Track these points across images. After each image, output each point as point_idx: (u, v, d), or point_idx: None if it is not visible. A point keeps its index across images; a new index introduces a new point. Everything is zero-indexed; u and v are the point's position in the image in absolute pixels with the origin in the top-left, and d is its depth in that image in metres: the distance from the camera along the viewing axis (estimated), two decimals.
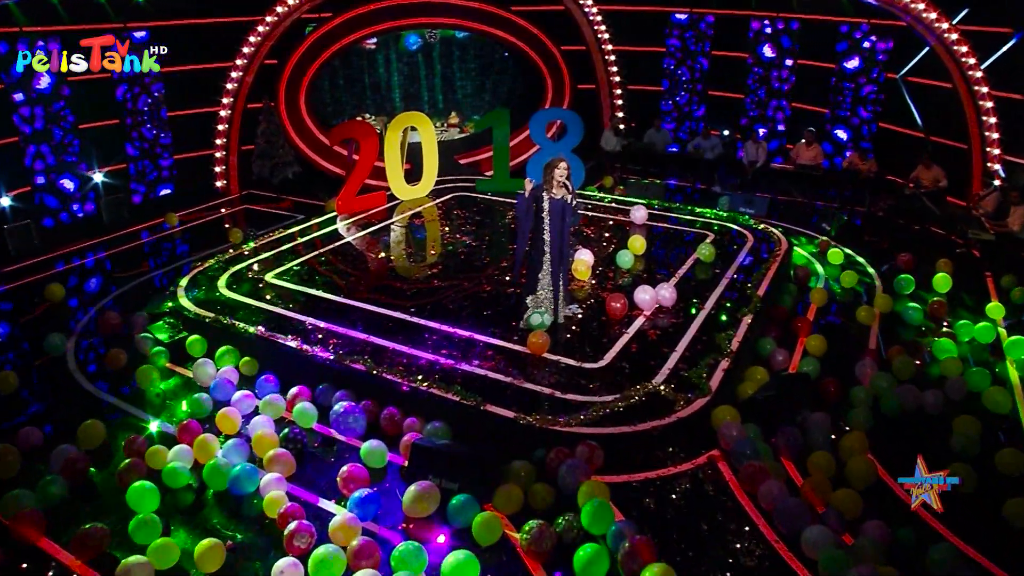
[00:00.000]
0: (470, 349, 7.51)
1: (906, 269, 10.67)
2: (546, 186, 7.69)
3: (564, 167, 7.64)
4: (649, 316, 8.31)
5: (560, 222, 7.71)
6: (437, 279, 9.37)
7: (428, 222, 11.95)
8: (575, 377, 7.03)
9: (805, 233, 12.14)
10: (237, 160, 14.62)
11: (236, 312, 8.45)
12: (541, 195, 7.68)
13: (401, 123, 12.37)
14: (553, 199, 7.67)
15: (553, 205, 7.68)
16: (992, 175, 12.34)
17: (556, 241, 7.77)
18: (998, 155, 12.32)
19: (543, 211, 7.71)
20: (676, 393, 6.75)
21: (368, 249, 10.61)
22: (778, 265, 9.90)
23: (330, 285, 9.19)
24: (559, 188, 7.67)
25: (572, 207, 7.73)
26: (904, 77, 14.28)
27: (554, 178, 7.64)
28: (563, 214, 7.71)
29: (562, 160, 7.66)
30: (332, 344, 7.62)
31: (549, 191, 7.68)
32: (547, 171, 7.68)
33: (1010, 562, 5.21)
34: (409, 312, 8.33)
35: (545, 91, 15.99)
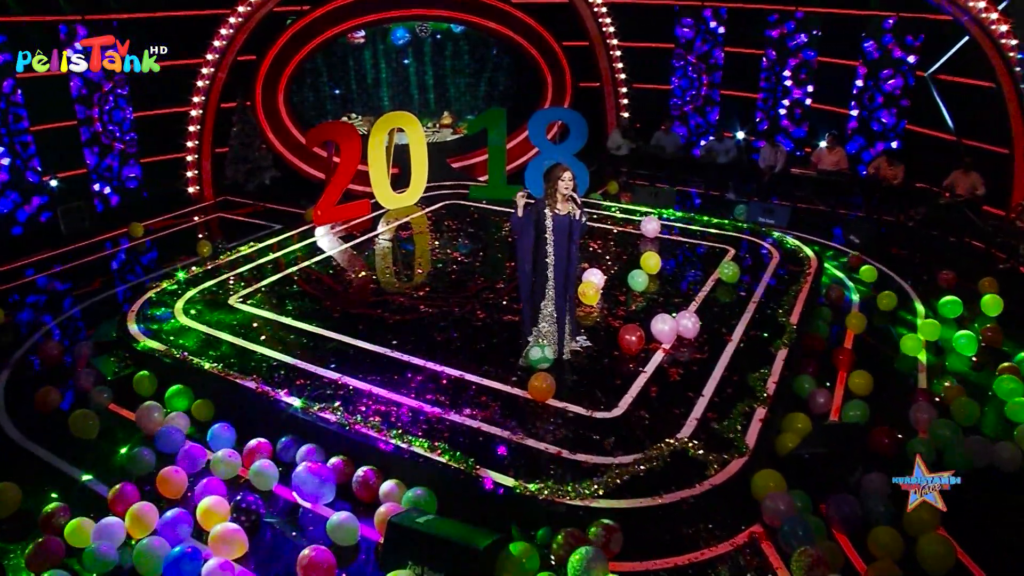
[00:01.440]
0: (461, 393, 6.38)
1: (948, 289, 9.58)
2: (548, 200, 6.55)
3: (568, 177, 6.50)
4: (669, 351, 7.19)
5: (567, 242, 6.59)
6: (424, 303, 8.22)
7: (416, 234, 10.79)
8: (585, 430, 5.90)
9: (831, 246, 11.01)
10: (211, 164, 13.45)
11: (192, 343, 7.31)
12: (543, 211, 6.54)
13: (387, 124, 11.23)
14: (557, 215, 6.54)
15: (558, 223, 6.54)
16: None
17: (562, 265, 6.64)
18: None
19: (545, 230, 6.57)
20: (707, 452, 5.63)
21: (348, 267, 9.46)
22: (809, 286, 8.80)
23: (302, 311, 8.04)
24: (564, 202, 6.54)
25: (580, 224, 6.60)
26: (933, 75, 13.18)
27: (557, 190, 6.51)
28: (570, 233, 6.58)
29: (565, 169, 6.53)
30: (298, 385, 6.48)
31: (552, 206, 6.54)
32: (549, 182, 6.54)
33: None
34: (391, 346, 7.19)
35: (545, 89, 14.86)
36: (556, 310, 6.73)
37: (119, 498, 5.47)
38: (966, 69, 12.48)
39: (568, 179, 6.48)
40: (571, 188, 6.50)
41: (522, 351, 6.87)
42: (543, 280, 6.69)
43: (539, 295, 6.75)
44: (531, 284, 6.76)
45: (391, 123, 11.25)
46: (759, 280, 8.97)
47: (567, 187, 6.48)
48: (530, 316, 6.82)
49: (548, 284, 6.70)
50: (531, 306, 6.80)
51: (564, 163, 6.93)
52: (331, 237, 10.51)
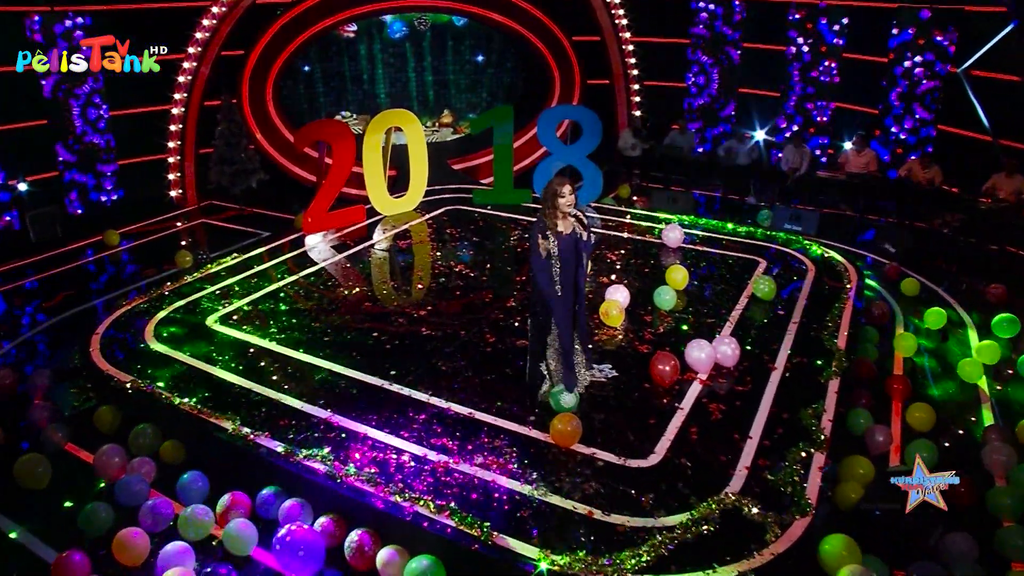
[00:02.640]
0: (471, 436, 5.49)
1: (999, 304, 8.73)
2: (548, 220, 5.63)
3: (568, 192, 5.57)
4: (706, 381, 6.32)
5: (573, 268, 5.67)
6: (426, 325, 7.32)
7: (415, 244, 9.87)
8: (618, 483, 5.02)
9: (864, 255, 10.14)
10: (194, 166, 12.54)
11: (164, 372, 6.41)
12: (544, 233, 5.62)
13: (383, 123, 10.32)
14: (561, 237, 5.62)
15: (562, 245, 5.62)
16: None
17: (568, 292, 5.72)
18: None
19: (550, 255, 5.64)
20: (763, 510, 4.76)
21: (341, 281, 8.56)
22: (852, 303, 7.94)
23: (288, 334, 7.14)
24: (565, 221, 5.63)
25: (588, 245, 5.69)
26: (967, 71, 12.33)
27: (557, 208, 5.59)
28: (575, 255, 5.67)
29: (564, 183, 5.59)
30: (282, 426, 5.59)
31: (553, 227, 5.62)
32: (548, 199, 5.59)
33: None
34: (388, 377, 6.30)
35: (552, 86, 13.99)
36: (563, 345, 5.82)
37: (64, 569, 4.58)
38: (1002, 64, 11.67)
39: (568, 194, 5.56)
40: (572, 204, 5.60)
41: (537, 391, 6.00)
42: (548, 311, 5.77)
43: (546, 327, 5.85)
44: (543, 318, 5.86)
45: (388, 122, 10.35)
46: (796, 296, 8.10)
47: (568, 204, 5.57)
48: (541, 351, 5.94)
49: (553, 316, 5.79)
50: (534, 336, 5.92)
51: (563, 176, 5.98)
52: (322, 247, 9.61)
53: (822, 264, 9.07)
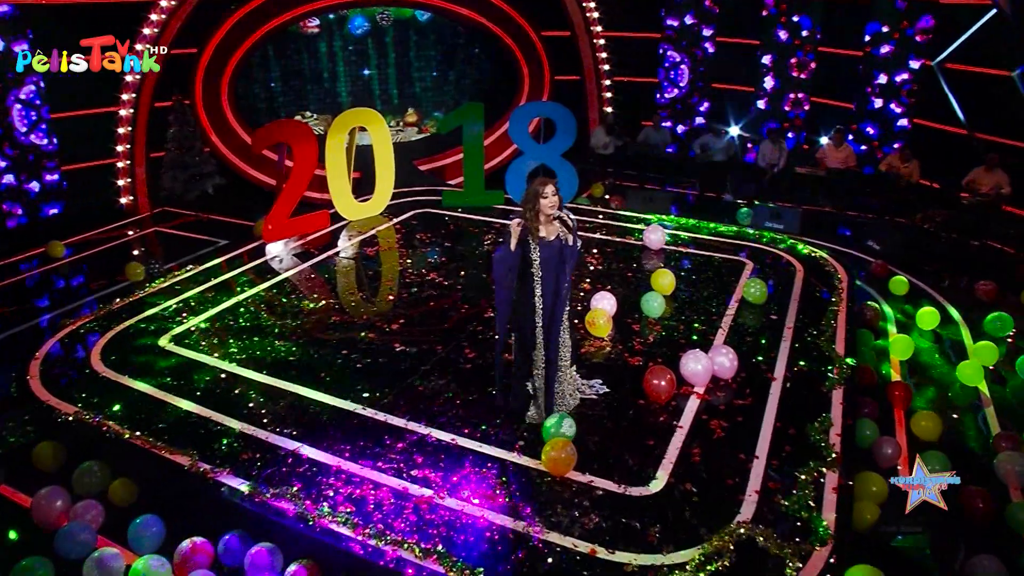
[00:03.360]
0: (456, 466, 5.00)
1: (989, 302, 8.51)
2: (530, 224, 5.17)
3: (552, 192, 5.10)
4: (704, 396, 5.91)
5: (555, 276, 5.20)
6: (399, 340, 6.80)
7: (384, 251, 9.32)
8: (620, 515, 4.58)
9: (847, 252, 9.84)
10: (146, 171, 11.82)
11: (112, 401, 5.80)
12: (525, 239, 5.16)
13: (347, 123, 9.76)
14: (544, 242, 5.16)
15: (545, 252, 5.16)
16: None
17: (549, 303, 5.26)
18: None
19: (531, 263, 5.19)
20: (778, 540, 4.35)
21: (305, 293, 7.98)
22: (846, 305, 7.63)
23: (248, 354, 6.57)
24: (549, 224, 5.17)
25: (574, 250, 5.23)
26: (942, 64, 12.17)
27: (540, 210, 5.12)
28: (560, 263, 5.21)
29: (547, 183, 5.11)
30: (244, 461, 5.04)
31: (535, 232, 5.15)
32: (529, 202, 5.11)
33: None
34: (361, 400, 5.78)
35: (521, 83, 13.53)
36: (546, 356, 5.36)
37: None
38: (978, 57, 11.52)
39: (552, 195, 5.09)
40: (556, 206, 5.13)
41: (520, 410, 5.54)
42: (530, 324, 5.30)
43: (530, 342, 5.38)
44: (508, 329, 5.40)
45: (352, 121, 9.79)
46: (788, 298, 7.76)
47: (551, 205, 5.10)
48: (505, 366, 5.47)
49: (537, 328, 5.32)
50: (517, 351, 5.45)
51: (546, 176, 5.52)
52: (285, 255, 9.01)
53: (811, 264, 8.75)
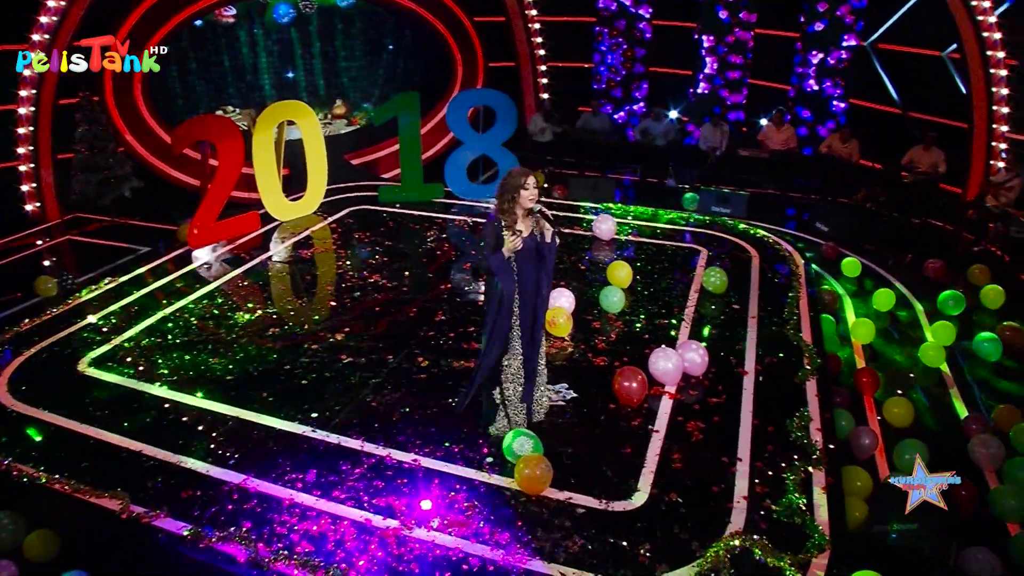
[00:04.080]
0: (421, 491, 4.57)
1: (937, 281, 8.55)
2: (505, 218, 4.76)
3: (533, 184, 4.72)
4: (676, 395, 5.63)
5: (534, 274, 4.83)
6: (345, 350, 6.29)
7: (319, 253, 8.72)
8: (606, 534, 4.24)
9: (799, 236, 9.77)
10: (53, 175, 10.86)
11: (21, 440, 5.13)
12: (500, 234, 4.76)
13: (274, 117, 9.11)
14: (521, 238, 4.77)
15: (523, 248, 4.78)
16: (998, 157, 10.46)
17: (529, 303, 4.89)
18: (1005, 133, 10.43)
19: (509, 259, 4.79)
20: (775, 549, 4.09)
21: (238, 303, 7.36)
22: (805, 290, 7.49)
23: (180, 375, 5.95)
24: (527, 219, 4.79)
25: (553, 247, 4.87)
26: (875, 44, 12.27)
27: (518, 203, 4.73)
28: (538, 261, 4.83)
29: (527, 174, 4.70)
30: (185, 499, 4.49)
31: (511, 226, 4.76)
32: (507, 193, 4.71)
33: None
34: (310, 421, 5.27)
35: (454, 71, 13.04)
36: (525, 364, 4.99)
37: None
38: (909, 37, 11.67)
39: (533, 187, 4.71)
40: (536, 199, 4.76)
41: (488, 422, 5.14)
42: (508, 319, 4.91)
43: (497, 344, 4.96)
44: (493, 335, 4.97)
45: (280, 115, 9.15)
46: (747, 286, 7.57)
47: (532, 198, 4.72)
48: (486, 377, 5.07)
49: (514, 331, 4.94)
50: (486, 355, 5.04)
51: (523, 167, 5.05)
52: (214, 262, 8.34)
53: (765, 249, 8.62)
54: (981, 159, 10.65)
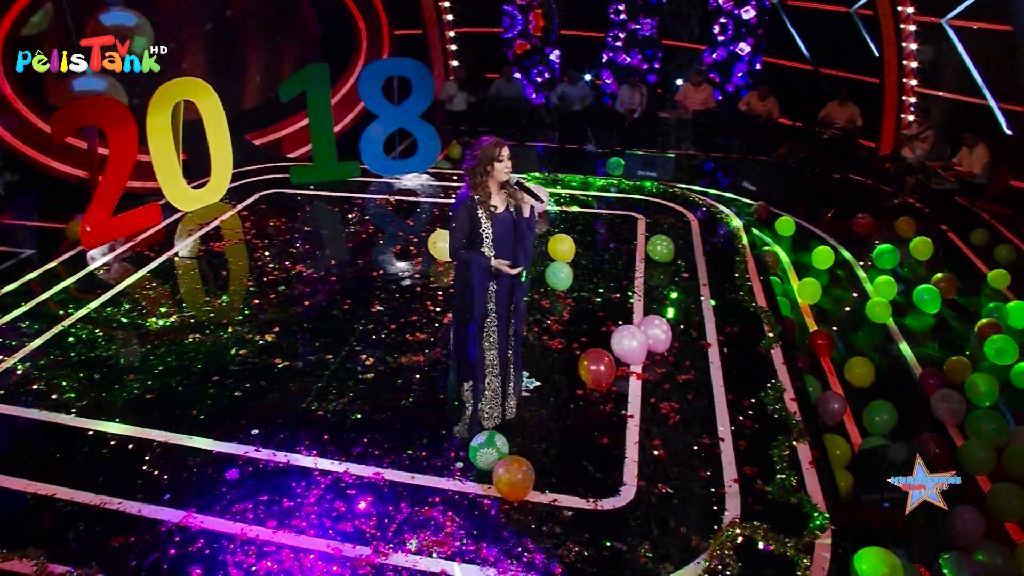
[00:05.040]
0: (390, 509, 4.10)
1: (866, 235, 8.65)
2: (478, 193, 4.33)
3: (507, 155, 4.30)
4: (643, 375, 5.35)
5: (511, 255, 4.41)
6: (277, 354, 5.66)
7: (232, 245, 7.93)
8: (599, 536, 3.90)
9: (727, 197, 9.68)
10: None
11: None
12: (475, 212, 4.32)
13: (170, 96, 8.19)
14: (494, 215, 4.35)
15: (498, 228, 4.35)
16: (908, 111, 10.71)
17: (505, 289, 4.49)
18: (915, 87, 10.65)
19: (482, 240, 4.36)
20: (780, 537, 3.88)
21: (148, 309, 6.56)
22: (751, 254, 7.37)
23: (90, 398, 5.19)
24: (501, 193, 4.37)
25: (531, 221, 4.46)
26: (784, 1, 12.32)
27: (492, 176, 4.31)
28: (517, 238, 4.42)
29: (502, 144, 4.29)
30: (117, 551, 3.85)
31: (485, 200, 4.34)
32: (480, 166, 4.27)
33: None
34: (251, 440, 4.67)
35: (358, 40, 12.26)
36: (500, 356, 4.59)
37: None
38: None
39: (507, 158, 4.29)
40: (510, 171, 4.34)
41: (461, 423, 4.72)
42: (481, 311, 4.47)
43: (469, 331, 4.54)
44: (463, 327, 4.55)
45: (176, 94, 8.24)
46: (692, 253, 7.38)
47: (506, 170, 4.31)
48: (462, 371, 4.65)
49: (489, 320, 4.52)
50: (456, 345, 4.61)
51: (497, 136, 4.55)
52: (113, 263, 7.45)
53: (702, 212, 8.47)
54: (893, 114, 10.86)
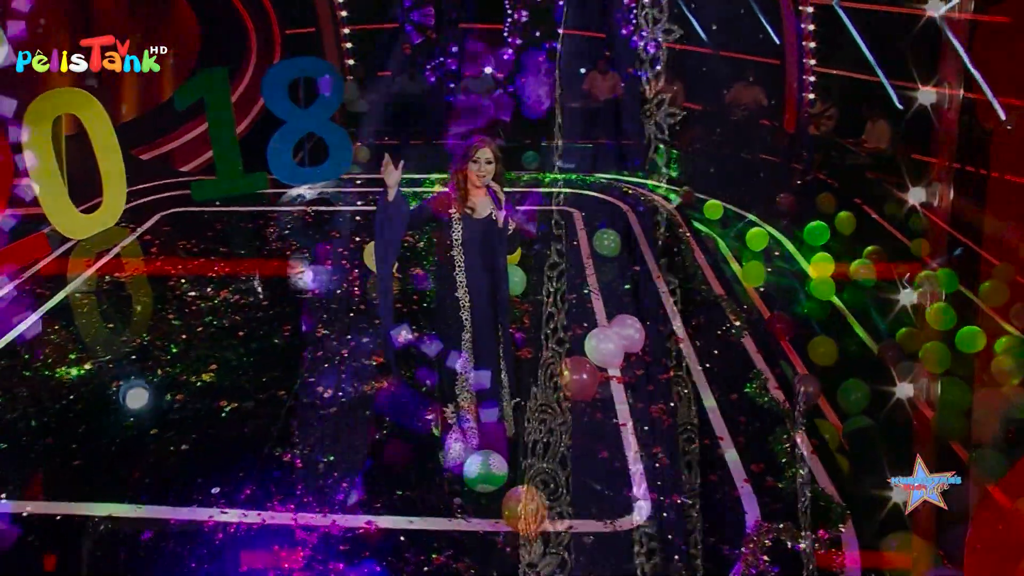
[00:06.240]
0: (395, 562, 3.67)
1: (789, 213, 8.83)
2: (457, 192, 3.99)
3: (486, 158, 3.99)
4: (625, 378, 5.13)
5: (486, 263, 4.09)
6: (221, 395, 5.04)
7: (137, 276, 7.10)
8: (625, 561, 3.63)
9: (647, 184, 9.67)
10: None
11: None
12: (448, 215, 3.97)
13: (50, 109, 7.23)
14: (468, 219, 4.02)
15: (469, 231, 4.03)
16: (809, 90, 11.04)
17: (482, 295, 4.15)
18: (813, 67, 10.98)
19: (451, 244, 4.02)
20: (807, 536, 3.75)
21: (55, 359, 5.72)
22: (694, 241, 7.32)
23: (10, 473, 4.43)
24: (478, 196, 4.04)
25: (506, 230, 4.15)
26: None
27: (468, 179, 3.97)
28: (488, 248, 4.10)
29: (485, 144, 4.00)
30: None
31: (461, 203, 3.99)
32: (456, 163, 4.02)
33: None
34: (213, 503, 4.08)
35: (247, 41, 11.48)
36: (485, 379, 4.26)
37: None
38: None
39: (485, 161, 3.97)
40: (489, 175, 4.01)
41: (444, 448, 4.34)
42: (457, 323, 4.14)
43: (449, 343, 4.19)
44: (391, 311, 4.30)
45: (56, 107, 7.29)
46: (636, 245, 7.26)
47: (482, 173, 3.97)
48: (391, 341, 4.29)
49: (464, 328, 4.17)
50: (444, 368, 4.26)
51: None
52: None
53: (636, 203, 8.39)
54: (794, 93, 11.17)
